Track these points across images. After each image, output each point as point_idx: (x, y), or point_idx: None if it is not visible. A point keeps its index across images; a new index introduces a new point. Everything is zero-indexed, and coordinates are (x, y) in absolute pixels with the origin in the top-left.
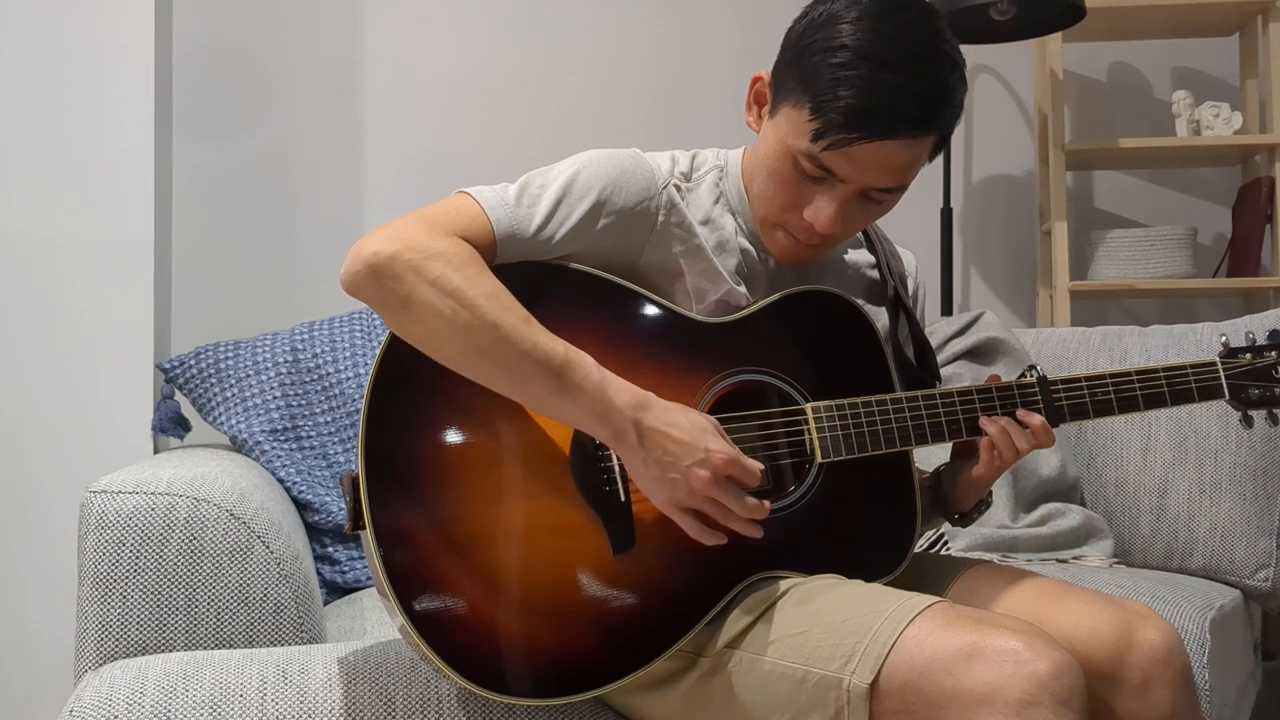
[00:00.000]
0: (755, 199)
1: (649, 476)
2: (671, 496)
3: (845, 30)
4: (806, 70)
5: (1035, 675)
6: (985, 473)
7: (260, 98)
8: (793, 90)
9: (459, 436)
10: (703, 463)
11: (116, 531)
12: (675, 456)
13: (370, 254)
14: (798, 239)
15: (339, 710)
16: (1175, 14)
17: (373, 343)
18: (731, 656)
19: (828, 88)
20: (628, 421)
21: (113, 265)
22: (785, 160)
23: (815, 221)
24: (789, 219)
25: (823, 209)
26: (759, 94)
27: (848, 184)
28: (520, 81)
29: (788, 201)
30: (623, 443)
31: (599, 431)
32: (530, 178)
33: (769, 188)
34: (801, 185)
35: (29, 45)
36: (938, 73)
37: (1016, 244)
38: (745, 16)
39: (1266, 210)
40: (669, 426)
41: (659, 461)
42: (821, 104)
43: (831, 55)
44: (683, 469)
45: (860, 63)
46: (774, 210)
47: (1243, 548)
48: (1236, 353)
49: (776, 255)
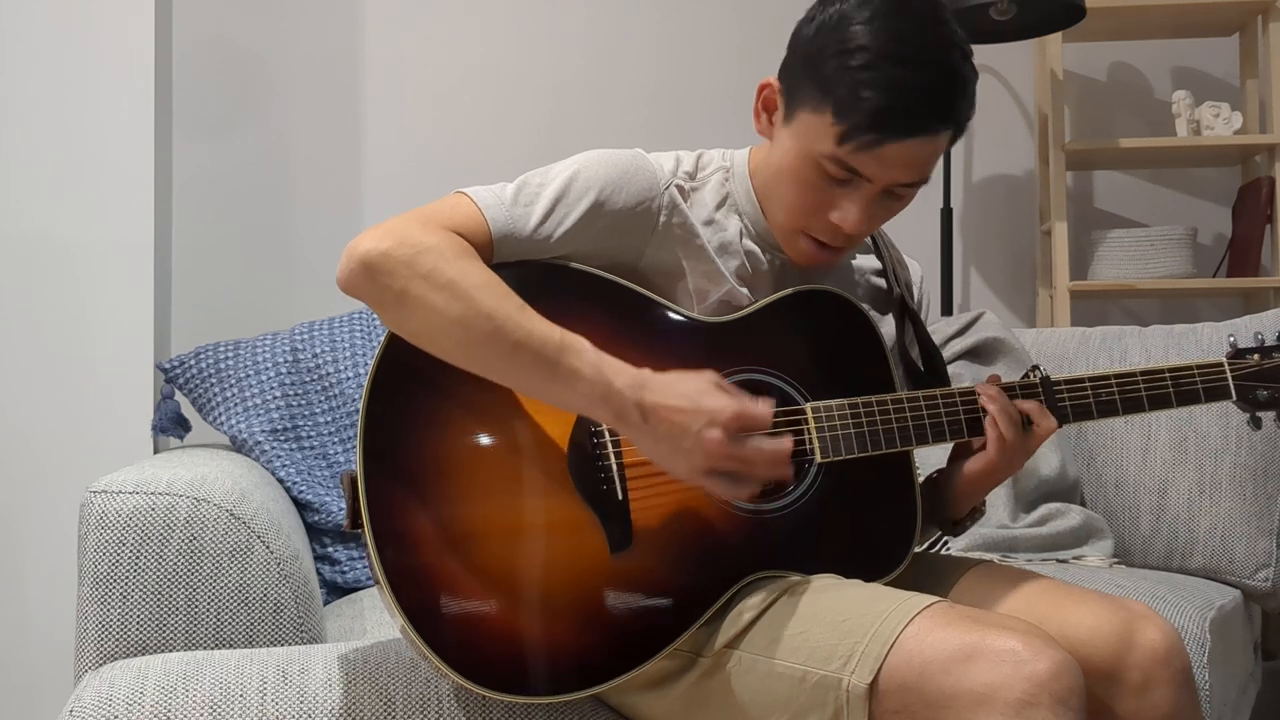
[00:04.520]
0: (774, 206)
1: (663, 452)
2: (691, 465)
3: (860, 31)
4: (824, 74)
5: (1034, 675)
6: (987, 464)
7: (260, 98)
8: (810, 95)
9: (458, 435)
10: (710, 423)
11: (116, 531)
12: (682, 426)
13: (364, 252)
14: (823, 242)
15: (339, 710)
16: (1175, 14)
17: (372, 342)
18: (730, 656)
19: (850, 90)
20: (629, 402)
21: (113, 265)
22: (808, 165)
23: (843, 223)
24: (814, 223)
25: (850, 210)
26: (768, 100)
27: (873, 183)
28: (520, 82)
29: (812, 206)
30: (626, 422)
31: (601, 414)
32: (528, 177)
33: (790, 194)
34: (825, 188)
35: (29, 45)
36: (955, 65)
37: (1016, 244)
38: (745, 16)
39: (1266, 210)
40: (670, 398)
41: (668, 435)
42: (845, 107)
43: (850, 57)
44: (693, 436)
45: (880, 63)
46: (798, 215)
47: (1243, 548)
48: (1244, 353)
49: (799, 261)
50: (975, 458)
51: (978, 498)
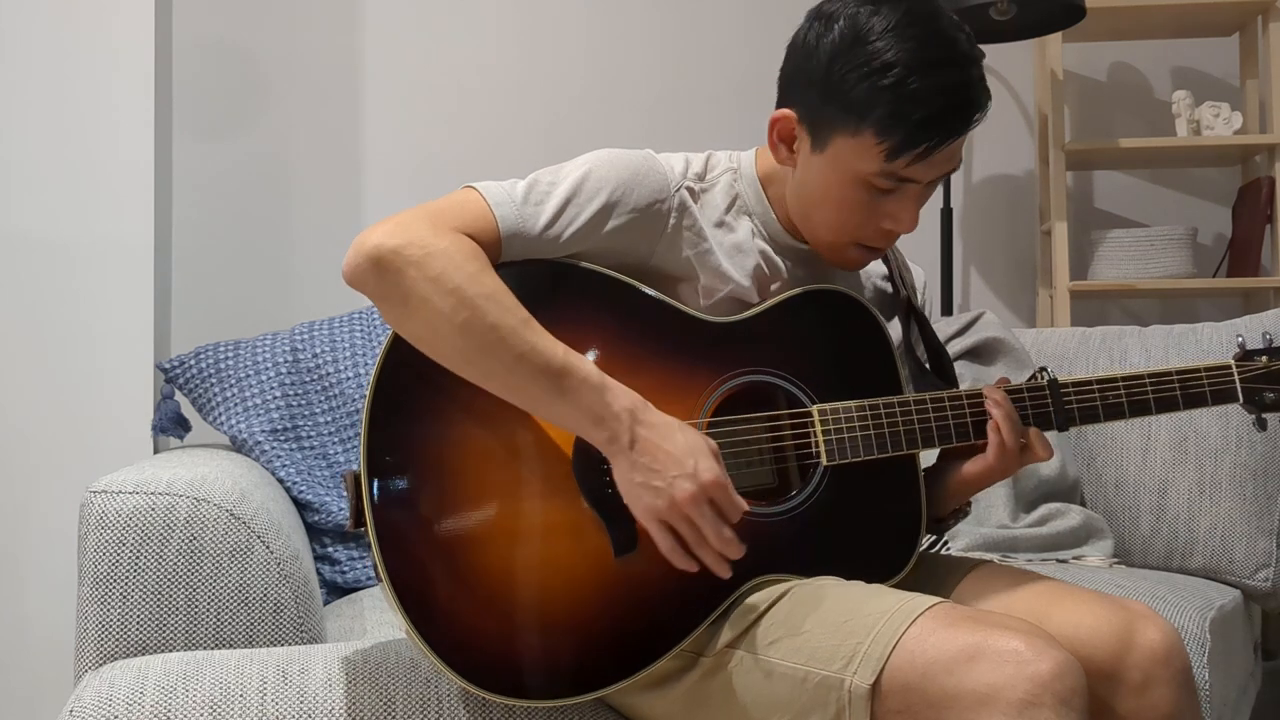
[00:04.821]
0: (816, 227)
1: (632, 482)
2: (652, 505)
3: (880, 48)
4: (853, 99)
5: (1037, 676)
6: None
7: (260, 98)
8: (842, 121)
9: (462, 436)
10: (690, 477)
11: (116, 531)
12: (663, 466)
13: (373, 246)
14: (875, 248)
15: (339, 710)
16: (1175, 14)
17: (373, 343)
18: (732, 656)
19: (890, 109)
20: (623, 426)
21: (113, 265)
22: (854, 186)
23: (899, 226)
24: (865, 233)
25: (904, 213)
26: (784, 133)
27: (920, 182)
28: (521, 82)
29: (862, 219)
30: (614, 446)
31: (593, 435)
32: (539, 175)
33: (836, 215)
34: (873, 201)
35: (29, 45)
36: (970, 51)
37: (1016, 244)
38: (749, 19)
39: (1266, 210)
40: (664, 438)
41: (646, 468)
42: (888, 126)
43: (879, 78)
44: (668, 478)
45: (912, 76)
46: (848, 231)
47: (1243, 548)
48: (1252, 355)
49: (848, 267)
50: (972, 460)
51: (966, 498)
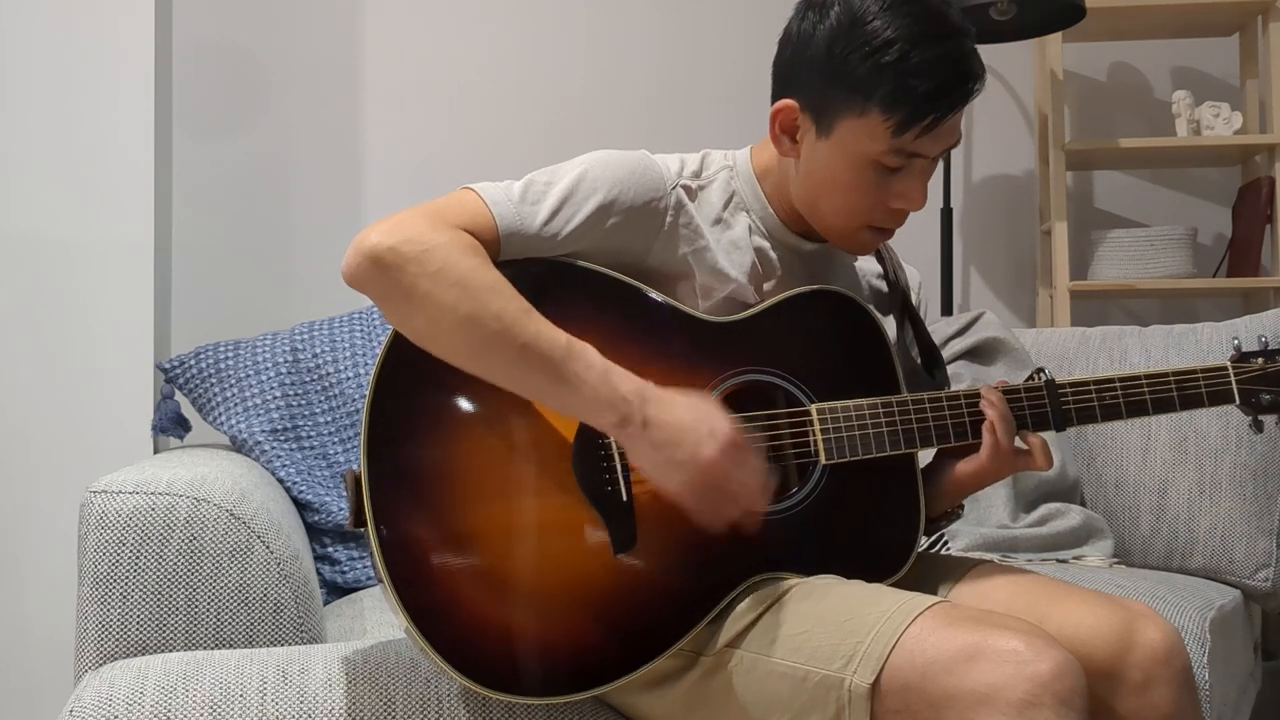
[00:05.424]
0: (825, 214)
1: (656, 462)
2: (682, 480)
3: (878, 27)
4: (857, 79)
5: (1037, 675)
6: (978, 468)
7: (260, 98)
8: (846, 102)
9: (462, 435)
10: (709, 436)
11: (116, 531)
12: (680, 438)
13: (372, 245)
14: (887, 228)
15: (339, 710)
16: (1175, 14)
17: (373, 343)
18: (732, 656)
19: (894, 85)
20: (633, 408)
21: (113, 265)
22: (863, 167)
23: (910, 204)
24: (875, 215)
25: (913, 190)
26: (787, 124)
27: (927, 157)
28: (521, 82)
29: (872, 201)
30: (628, 429)
31: (601, 421)
32: (536, 175)
33: (847, 199)
34: (882, 181)
35: (29, 45)
36: (962, 23)
37: (1016, 244)
38: (749, 19)
39: (1266, 210)
40: (673, 411)
41: (665, 443)
42: (893, 101)
43: (881, 55)
44: (689, 448)
45: (914, 50)
46: (858, 214)
47: (1243, 548)
48: (1249, 357)
49: (860, 252)
50: (966, 460)
51: (959, 499)
